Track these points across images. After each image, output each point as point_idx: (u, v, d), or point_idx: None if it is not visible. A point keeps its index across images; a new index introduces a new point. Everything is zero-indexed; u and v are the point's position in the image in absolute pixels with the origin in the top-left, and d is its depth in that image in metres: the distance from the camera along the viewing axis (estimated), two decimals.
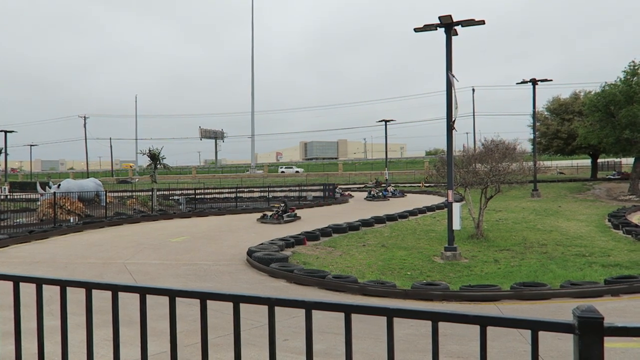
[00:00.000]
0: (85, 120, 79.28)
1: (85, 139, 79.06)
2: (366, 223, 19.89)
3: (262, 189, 38.79)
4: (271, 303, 1.61)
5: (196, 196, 30.07)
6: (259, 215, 23.14)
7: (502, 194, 18.45)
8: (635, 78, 28.94)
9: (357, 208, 28.39)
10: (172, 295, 1.77)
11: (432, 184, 37.49)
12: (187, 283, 10.80)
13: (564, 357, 5.58)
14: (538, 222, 20.30)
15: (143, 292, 1.82)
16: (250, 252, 13.08)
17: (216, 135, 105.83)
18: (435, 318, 1.38)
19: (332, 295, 10.01)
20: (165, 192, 33.22)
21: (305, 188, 36.71)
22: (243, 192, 38.50)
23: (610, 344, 6.32)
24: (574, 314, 1.32)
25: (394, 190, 39.10)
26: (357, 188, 48.26)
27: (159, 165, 27.68)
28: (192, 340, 5.84)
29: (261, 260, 12.10)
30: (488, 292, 9.39)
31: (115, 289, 1.88)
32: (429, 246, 15.92)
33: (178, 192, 34.82)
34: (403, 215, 22.74)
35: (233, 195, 32.48)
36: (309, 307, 1.54)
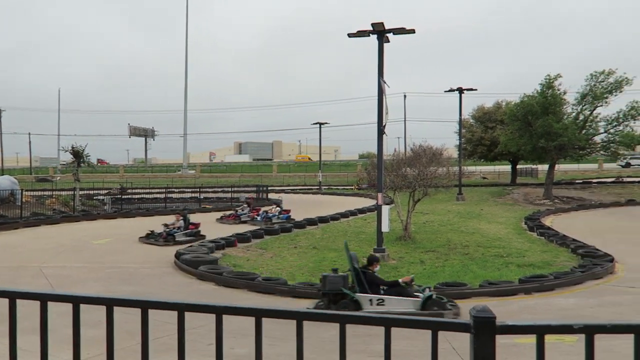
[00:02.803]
0: (0, 113, 73.64)
1: (0, 134, 73.43)
2: (298, 225, 19.97)
3: (193, 189, 37.87)
4: (180, 308, 1.58)
5: (123, 196, 28.82)
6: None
7: (429, 197, 19.17)
8: (550, 90, 31.13)
9: (291, 210, 28.37)
10: (76, 302, 1.68)
11: (364, 187, 38.30)
12: (109, 287, 10.32)
13: None
14: (462, 225, 21.28)
15: (44, 298, 1.71)
16: (178, 255, 12.73)
17: (146, 133, 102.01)
18: (343, 321, 1.42)
19: (261, 297, 9.95)
20: (90, 192, 31.61)
21: (238, 189, 36.26)
22: (173, 192, 37.41)
23: (522, 339, 6.75)
24: (470, 314, 1.40)
25: (274, 214, 22.60)
26: (291, 190, 48.33)
27: (82, 164, 26.29)
28: (100, 349, 5.59)
29: (189, 262, 11.81)
30: None
31: (12, 297, 1.75)
32: (359, 248, 16.21)
33: (104, 191, 33.23)
34: (335, 217, 23.05)
35: (163, 196, 31.46)
36: (219, 312, 1.53)
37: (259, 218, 21.94)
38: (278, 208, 23.56)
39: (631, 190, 35.90)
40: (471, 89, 34.16)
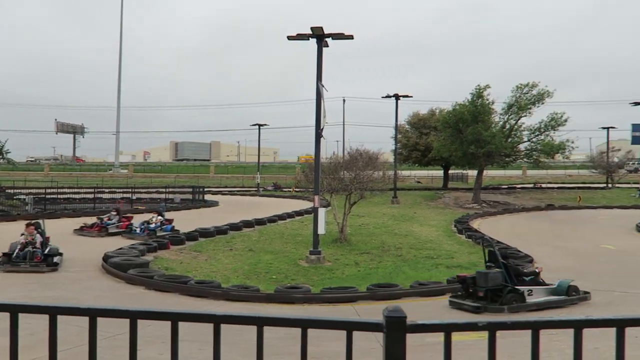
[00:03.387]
0: None
1: None
2: (234, 227, 19.70)
3: (125, 189, 36.39)
4: (92, 314, 1.53)
5: (47, 196, 27.18)
6: None
7: (365, 200, 19.56)
8: (480, 100, 32.74)
9: (228, 211, 28.02)
10: None
11: (302, 189, 38.42)
12: (28, 294, 9.69)
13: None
14: (395, 227, 21.86)
15: None
16: (106, 258, 12.18)
17: (75, 130, 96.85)
18: (260, 323, 1.43)
19: (194, 301, 9.73)
20: (9, 191, 29.57)
21: (173, 190, 35.27)
22: (103, 192, 35.78)
23: (440, 338, 7.05)
24: (383, 314, 1.46)
25: (157, 225, 17.51)
26: (229, 192, 47.62)
27: (1, 160, 24.58)
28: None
29: (118, 266, 11.34)
30: (346, 294, 9.89)
31: None
32: (295, 250, 16.27)
33: (25, 190, 31.20)
34: (272, 220, 22.95)
35: (92, 196, 30.00)
36: (134, 316, 1.49)
37: (138, 230, 17.31)
38: (160, 217, 18.04)
39: (550, 196, 38.45)
40: (407, 96, 35.23)
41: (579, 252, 16.18)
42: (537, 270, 9.98)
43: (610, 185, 46.66)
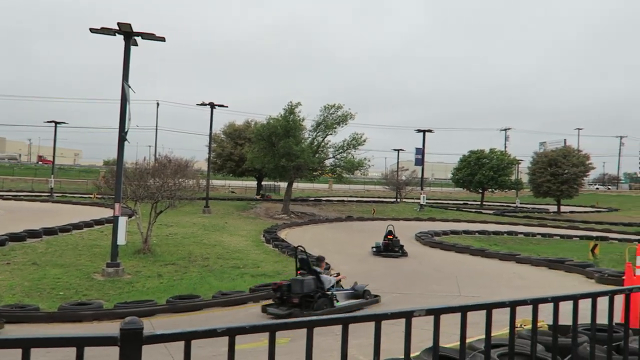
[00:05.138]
0: None
1: None
2: (15, 237, 17.11)
3: None
4: None
5: None
6: None
7: (175, 208, 18.83)
8: (292, 116, 34.46)
9: (10, 219, 24.21)
10: None
11: (104, 196, 35.30)
12: None
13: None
14: (205, 237, 21.55)
15: None
16: None
17: None
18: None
19: None
20: None
21: None
22: None
23: (248, 344, 7.15)
24: (120, 327, 1.42)
25: None
26: (13, 196, 41.14)
27: None
28: None
29: None
30: (144, 308, 9.38)
31: None
32: (91, 262, 14.86)
33: None
34: (65, 229, 20.56)
35: None
36: None
37: None
38: None
39: (350, 208, 42.32)
40: (222, 105, 35.21)
41: (367, 259, 18.10)
42: (339, 278, 10.97)
43: (398, 200, 53.34)
